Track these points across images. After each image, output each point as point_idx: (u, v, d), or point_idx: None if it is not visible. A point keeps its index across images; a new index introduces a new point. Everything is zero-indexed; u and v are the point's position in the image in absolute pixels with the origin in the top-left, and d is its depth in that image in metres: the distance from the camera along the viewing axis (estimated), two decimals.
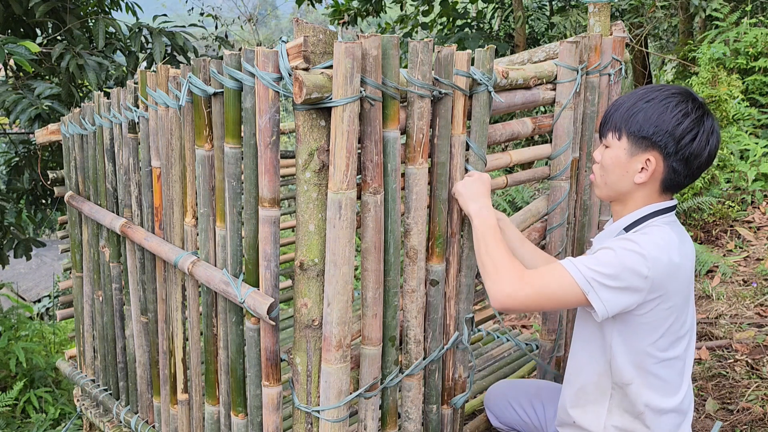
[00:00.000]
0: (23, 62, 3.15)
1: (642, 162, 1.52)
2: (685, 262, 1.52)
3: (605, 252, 1.48)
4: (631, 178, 1.54)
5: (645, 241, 1.47)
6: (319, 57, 1.39)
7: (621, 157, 1.54)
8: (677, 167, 1.50)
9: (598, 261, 1.47)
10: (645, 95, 1.53)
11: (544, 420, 1.96)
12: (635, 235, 1.51)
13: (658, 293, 1.47)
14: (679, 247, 1.51)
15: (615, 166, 1.56)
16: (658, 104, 1.49)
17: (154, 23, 4.40)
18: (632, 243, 1.46)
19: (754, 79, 4.96)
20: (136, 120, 2.07)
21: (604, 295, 1.44)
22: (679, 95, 1.50)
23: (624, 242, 1.48)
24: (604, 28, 2.33)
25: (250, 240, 1.55)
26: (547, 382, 2.11)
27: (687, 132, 1.47)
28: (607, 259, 1.46)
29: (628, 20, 7.04)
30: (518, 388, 2.07)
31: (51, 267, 9.77)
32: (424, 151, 1.62)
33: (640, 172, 1.52)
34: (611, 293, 1.45)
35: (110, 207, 2.31)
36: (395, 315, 1.64)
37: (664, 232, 1.51)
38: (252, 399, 1.67)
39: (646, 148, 1.51)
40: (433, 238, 1.74)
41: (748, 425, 2.50)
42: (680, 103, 1.49)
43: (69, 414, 4.34)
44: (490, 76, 1.75)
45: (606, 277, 1.44)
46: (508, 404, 2.03)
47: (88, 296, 2.58)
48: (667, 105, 1.49)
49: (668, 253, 1.47)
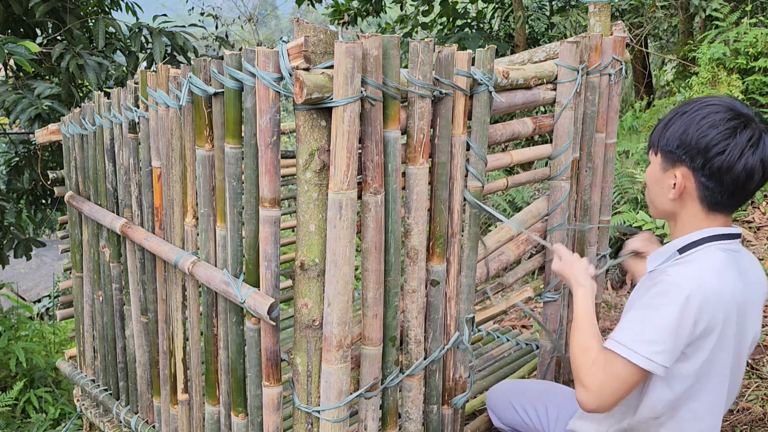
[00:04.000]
0: (23, 62, 3.15)
1: (672, 177, 1.45)
2: (728, 289, 1.42)
3: (649, 313, 1.40)
4: (666, 195, 1.48)
5: (682, 277, 1.39)
6: (320, 57, 1.39)
7: (656, 173, 1.49)
8: (707, 183, 1.42)
9: (645, 328, 1.39)
10: (682, 108, 1.46)
11: (546, 422, 1.92)
12: (675, 270, 1.43)
13: (702, 325, 1.39)
14: (725, 273, 1.42)
15: (652, 182, 1.52)
16: (688, 117, 1.43)
17: (154, 23, 4.40)
18: (671, 287, 1.39)
19: (754, 79, 4.95)
20: (136, 120, 2.07)
21: (662, 358, 1.38)
22: (713, 106, 1.42)
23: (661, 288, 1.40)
24: (604, 28, 2.33)
25: (251, 240, 1.55)
26: (552, 384, 2.10)
27: (714, 144, 1.38)
28: (652, 321, 1.38)
29: (628, 20, 7.04)
30: (521, 389, 2.06)
31: (51, 267, 9.77)
32: (424, 151, 1.62)
33: (673, 187, 1.46)
34: (668, 354, 1.38)
35: (110, 207, 2.31)
36: (396, 315, 1.64)
37: (714, 257, 1.43)
38: (252, 399, 1.67)
39: (674, 163, 1.44)
40: (434, 238, 1.74)
41: (748, 425, 2.50)
42: (710, 114, 1.40)
43: (69, 414, 4.34)
44: (490, 76, 1.74)
45: (659, 344, 1.37)
46: (510, 405, 2.01)
47: (88, 296, 2.58)
48: (695, 117, 1.41)
49: (711, 281, 1.39)
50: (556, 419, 1.88)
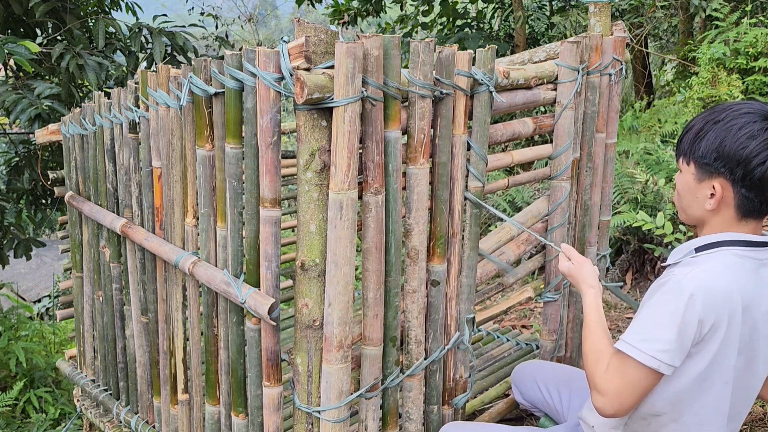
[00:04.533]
0: (23, 62, 3.15)
1: (710, 188, 1.43)
2: (745, 297, 1.40)
3: (656, 312, 1.40)
4: (701, 204, 1.46)
5: (687, 277, 1.39)
6: (321, 57, 1.39)
7: (690, 183, 1.47)
8: (747, 194, 1.40)
9: (648, 327, 1.39)
10: (713, 116, 1.43)
11: (567, 408, 1.96)
12: (681, 270, 1.42)
13: (708, 324, 1.38)
14: (728, 275, 1.40)
15: (686, 192, 1.49)
16: (722, 127, 1.40)
17: (154, 23, 4.40)
18: (675, 286, 1.39)
19: (754, 79, 4.95)
20: (136, 120, 2.07)
21: (667, 357, 1.38)
22: (748, 115, 1.39)
23: (666, 288, 1.40)
24: (604, 28, 2.33)
25: (251, 240, 1.55)
26: (577, 371, 2.11)
27: (754, 156, 1.36)
28: (657, 320, 1.39)
29: (628, 20, 7.04)
30: (549, 370, 2.10)
31: (51, 267, 9.76)
32: (425, 151, 1.62)
33: (710, 198, 1.44)
34: (677, 353, 1.38)
35: (110, 207, 2.31)
36: (396, 315, 1.64)
37: (724, 258, 1.42)
38: (253, 399, 1.67)
39: (711, 175, 1.42)
40: (434, 238, 1.74)
41: (748, 425, 2.50)
42: (747, 124, 1.38)
43: (69, 414, 4.34)
44: (491, 76, 1.74)
45: (663, 342, 1.37)
46: (536, 384, 2.07)
47: (88, 296, 2.58)
48: (731, 127, 1.39)
49: (717, 281, 1.38)
50: (578, 407, 1.91)
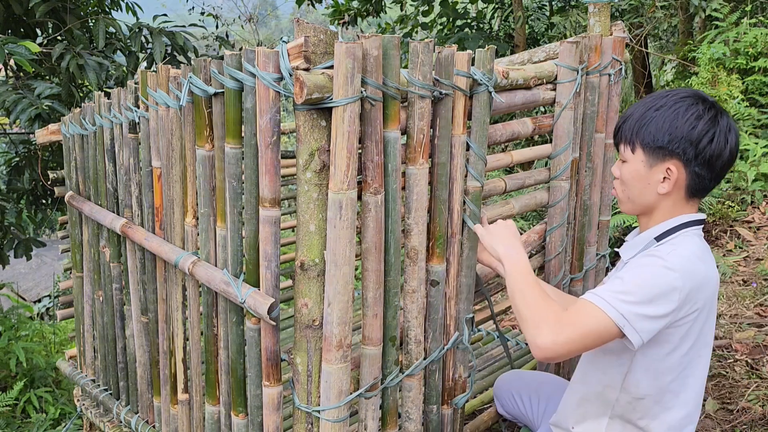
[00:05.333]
0: (23, 62, 3.15)
1: (663, 172, 1.47)
2: (711, 274, 1.48)
3: (633, 274, 1.42)
4: (654, 190, 1.50)
5: (673, 254, 1.42)
6: (320, 57, 1.39)
7: (640, 170, 1.50)
8: (700, 171, 1.46)
9: (626, 288, 1.40)
10: (653, 103, 1.49)
11: (538, 415, 1.98)
12: (662, 249, 1.46)
13: (688, 307, 1.42)
14: (705, 258, 1.47)
15: (635, 180, 1.51)
16: (669, 111, 1.45)
17: (154, 23, 4.40)
18: (659, 259, 1.41)
19: (754, 79, 4.96)
20: (136, 120, 2.07)
21: (640, 325, 1.38)
22: (688, 98, 1.46)
23: (651, 259, 1.43)
24: (604, 28, 2.33)
25: (251, 240, 1.55)
26: (550, 376, 2.13)
27: (703, 134, 1.43)
28: (636, 282, 1.40)
29: (627, 20, 7.04)
30: (523, 380, 2.11)
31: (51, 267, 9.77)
32: (424, 151, 1.63)
33: (663, 182, 1.48)
34: (647, 322, 1.38)
35: (111, 207, 2.31)
36: (396, 315, 1.65)
37: (693, 242, 1.47)
38: (252, 399, 1.67)
39: (665, 158, 1.46)
40: (434, 238, 1.74)
41: (748, 425, 2.50)
42: (691, 106, 1.45)
43: (69, 414, 4.34)
44: (490, 77, 1.75)
45: (639, 305, 1.38)
46: (512, 395, 2.07)
47: (88, 296, 2.59)
48: (677, 110, 1.45)
49: (696, 264, 1.43)
50: (547, 412, 1.93)
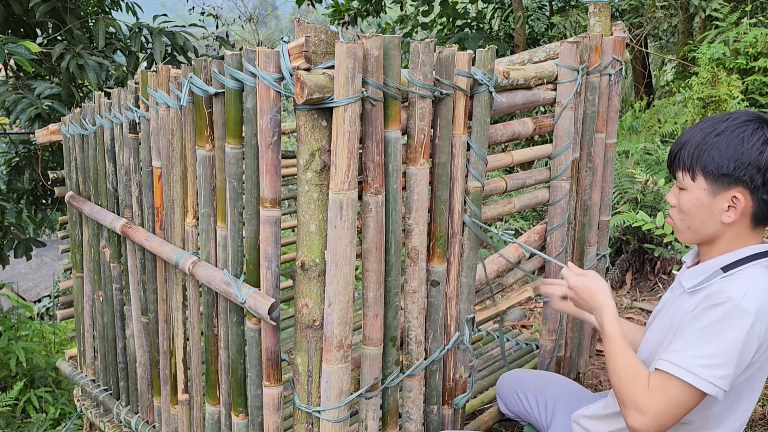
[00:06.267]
0: (23, 62, 3.15)
1: (728, 200, 1.40)
2: None
3: (712, 332, 1.35)
4: (717, 219, 1.42)
5: (748, 296, 1.35)
6: (321, 57, 1.39)
7: (702, 199, 1.42)
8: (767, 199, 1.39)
9: (707, 352, 1.34)
10: (712, 128, 1.41)
11: (545, 414, 1.97)
12: (733, 286, 1.38)
13: (764, 347, 1.38)
14: None
15: (697, 209, 1.44)
16: (732, 136, 1.39)
17: (154, 23, 4.40)
18: (732, 301, 1.35)
19: (754, 79, 4.95)
20: (136, 120, 2.07)
21: (725, 383, 1.35)
22: (752, 123, 1.40)
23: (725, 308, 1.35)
24: (604, 28, 2.33)
25: (251, 240, 1.55)
26: (553, 375, 2.13)
27: None
28: (718, 345, 1.34)
29: (628, 20, 7.04)
30: (527, 378, 2.10)
31: (51, 267, 9.77)
32: (425, 151, 1.62)
33: (728, 210, 1.40)
34: (731, 378, 1.36)
35: (111, 207, 2.31)
36: (396, 315, 1.64)
37: (762, 278, 1.40)
38: (253, 399, 1.67)
39: (730, 185, 1.39)
40: (434, 238, 1.74)
41: (748, 425, 2.50)
42: (756, 130, 1.38)
43: (69, 414, 4.33)
44: (491, 77, 1.75)
45: (723, 368, 1.34)
46: (516, 394, 2.07)
47: (88, 296, 2.58)
48: (742, 135, 1.38)
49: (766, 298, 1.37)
50: (553, 412, 1.93)
